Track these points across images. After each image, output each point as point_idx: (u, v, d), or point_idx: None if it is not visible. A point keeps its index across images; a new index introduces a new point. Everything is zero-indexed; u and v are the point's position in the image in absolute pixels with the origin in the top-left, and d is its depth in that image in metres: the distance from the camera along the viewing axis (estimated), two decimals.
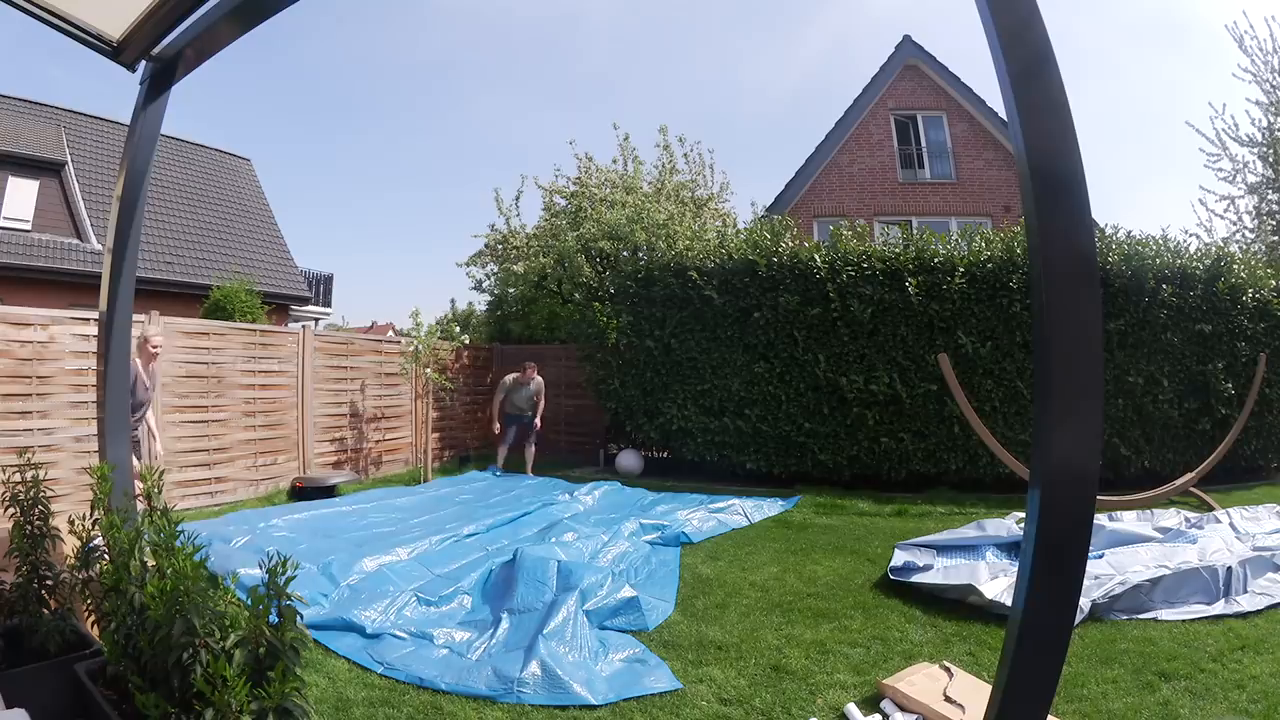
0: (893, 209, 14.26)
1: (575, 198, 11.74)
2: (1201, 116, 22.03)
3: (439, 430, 9.58)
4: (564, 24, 63.00)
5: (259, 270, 15.17)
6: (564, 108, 52.80)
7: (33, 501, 2.52)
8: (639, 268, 8.79)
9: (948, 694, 2.58)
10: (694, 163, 12.77)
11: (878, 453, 7.43)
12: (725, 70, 52.01)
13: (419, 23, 65.98)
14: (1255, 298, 7.68)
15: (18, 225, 12.45)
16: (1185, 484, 6.38)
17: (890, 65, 14.61)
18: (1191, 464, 6.90)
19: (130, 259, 3.03)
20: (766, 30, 55.57)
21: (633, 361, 8.41)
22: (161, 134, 3.11)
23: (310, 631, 2.85)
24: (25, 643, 2.27)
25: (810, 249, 7.78)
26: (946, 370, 5.98)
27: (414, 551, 4.58)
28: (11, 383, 5.23)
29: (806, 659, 3.09)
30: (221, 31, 2.61)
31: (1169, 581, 3.66)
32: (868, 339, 7.40)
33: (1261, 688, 2.73)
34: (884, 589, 4.06)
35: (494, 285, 13.38)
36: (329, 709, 2.61)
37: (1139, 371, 7.21)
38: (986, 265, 7.14)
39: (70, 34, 2.68)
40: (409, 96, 62.69)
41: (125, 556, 2.09)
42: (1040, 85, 1.43)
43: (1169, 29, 39.12)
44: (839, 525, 5.84)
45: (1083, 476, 1.45)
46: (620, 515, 5.82)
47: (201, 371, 6.59)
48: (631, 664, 3.04)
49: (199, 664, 1.67)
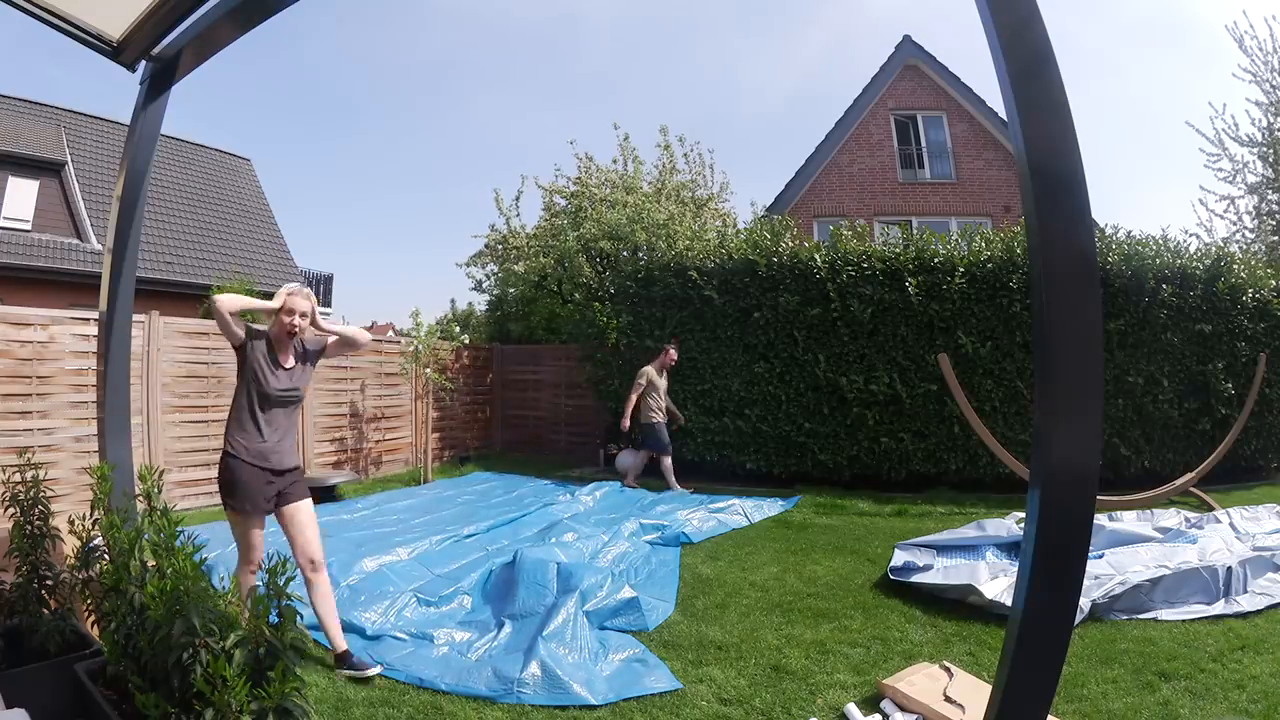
0: (893, 209, 14.26)
1: (575, 198, 11.74)
2: (1201, 116, 22.08)
3: (439, 430, 9.58)
4: (564, 24, 63.04)
5: (259, 270, 15.18)
6: (563, 108, 52.86)
7: (33, 501, 2.53)
8: (639, 268, 8.78)
9: (948, 694, 2.58)
10: (694, 163, 12.77)
11: (878, 453, 7.43)
12: (725, 70, 52.06)
13: (419, 23, 66.01)
14: (1255, 298, 7.68)
15: (18, 225, 12.46)
16: (1185, 484, 6.38)
17: (890, 65, 14.61)
18: (1191, 464, 6.90)
19: (130, 259, 3.03)
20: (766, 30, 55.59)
21: (633, 361, 8.40)
22: (161, 134, 3.11)
23: (310, 632, 2.85)
24: (25, 643, 2.27)
25: (810, 249, 7.77)
26: (946, 370, 5.98)
27: (414, 551, 4.58)
28: (11, 383, 5.23)
29: (806, 659, 3.09)
30: (221, 31, 2.61)
31: (1169, 581, 3.66)
32: (868, 339, 7.40)
33: (1261, 688, 2.73)
34: (884, 589, 4.06)
35: (494, 285, 13.38)
36: (329, 709, 2.61)
37: (1139, 371, 7.21)
38: (986, 265, 7.13)
39: (70, 34, 2.69)
40: (409, 96, 62.74)
41: (125, 556, 2.10)
42: (1040, 85, 1.43)
43: (1169, 29, 39.15)
44: (839, 525, 5.84)
45: (1083, 476, 1.46)
46: (620, 515, 5.82)
47: (201, 371, 6.59)
48: (631, 664, 3.04)
49: (199, 664, 1.67)
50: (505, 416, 10.95)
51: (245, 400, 2.96)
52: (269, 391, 2.96)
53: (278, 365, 3.02)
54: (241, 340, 2.97)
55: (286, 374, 3.03)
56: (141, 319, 5.94)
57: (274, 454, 2.96)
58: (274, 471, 2.96)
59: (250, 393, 2.95)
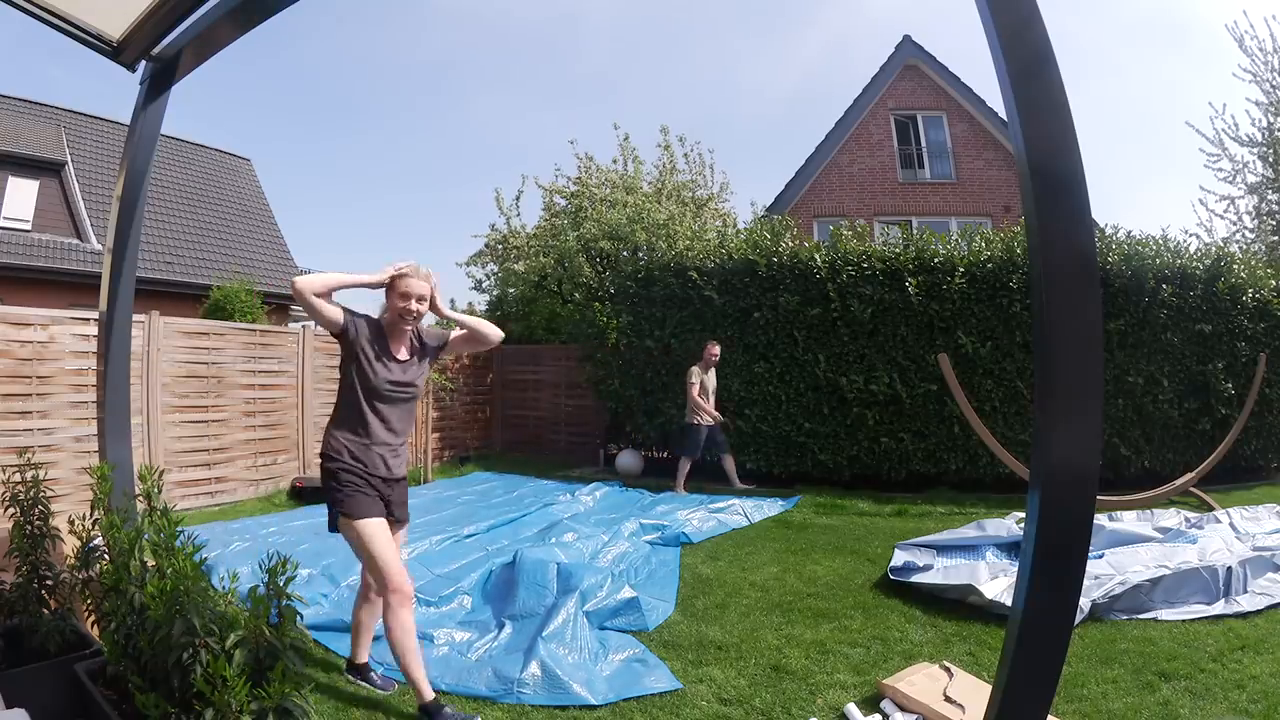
0: (893, 209, 14.27)
1: (575, 198, 11.73)
2: (1201, 116, 22.03)
3: (439, 430, 9.57)
4: (564, 24, 62.93)
5: (259, 270, 15.18)
6: (564, 108, 52.72)
7: (33, 501, 2.53)
8: (639, 268, 8.78)
9: (948, 694, 2.58)
10: (694, 163, 12.77)
11: (878, 453, 7.43)
12: (725, 70, 51.91)
13: (419, 23, 65.93)
14: (1255, 298, 7.68)
15: (18, 225, 12.46)
16: (1185, 484, 6.38)
17: (890, 65, 14.62)
18: (1191, 464, 6.90)
19: (130, 259, 3.03)
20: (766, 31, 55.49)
21: (633, 361, 8.41)
22: (161, 134, 3.11)
23: (310, 632, 2.85)
24: (25, 643, 2.27)
25: (810, 249, 7.77)
26: (946, 370, 5.98)
27: (414, 552, 4.58)
28: (11, 383, 5.23)
29: (806, 659, 3.09)
30: (221, 31, 2.61)
31: (1169, 581, 3.66)
32: (868, 339, 7.40)
33: (1261, 688, 2.73)
34: (884, 589, 4.06)
35: (494, 285, 13.37)
36: (329, 709, 2.61)
37: (1139, 371, 7.21)
38: (986, 265, 7.14)
39: (70, 34, 2.69)
40: (409, 96, 62.59)
41: (125, 556, 2.10)
42: (1040, 85, 1.43)
43: (1169, 29, 39.11)
44: (839, 525, 5.84)
45: (1083, 476, 1.46)
46: (620, 515, 5.82)
47: (201, 371, 6.59)
48: (631, 664, 3.04)
49: (199, 664, 1.67)
50: (505, 416, 10.94)
51: (350, 395, 2.56)
52: (376, 385, 2.53)
53: (388, 355, 2.58)
54: (340, 324, 2.52)
55: (400, 366, 2.60)
56: (141, 319, 5.94)
57: (383, 458, 2.56)
58: (382, 479, 2.56)
59: (355, 386, 2.54)
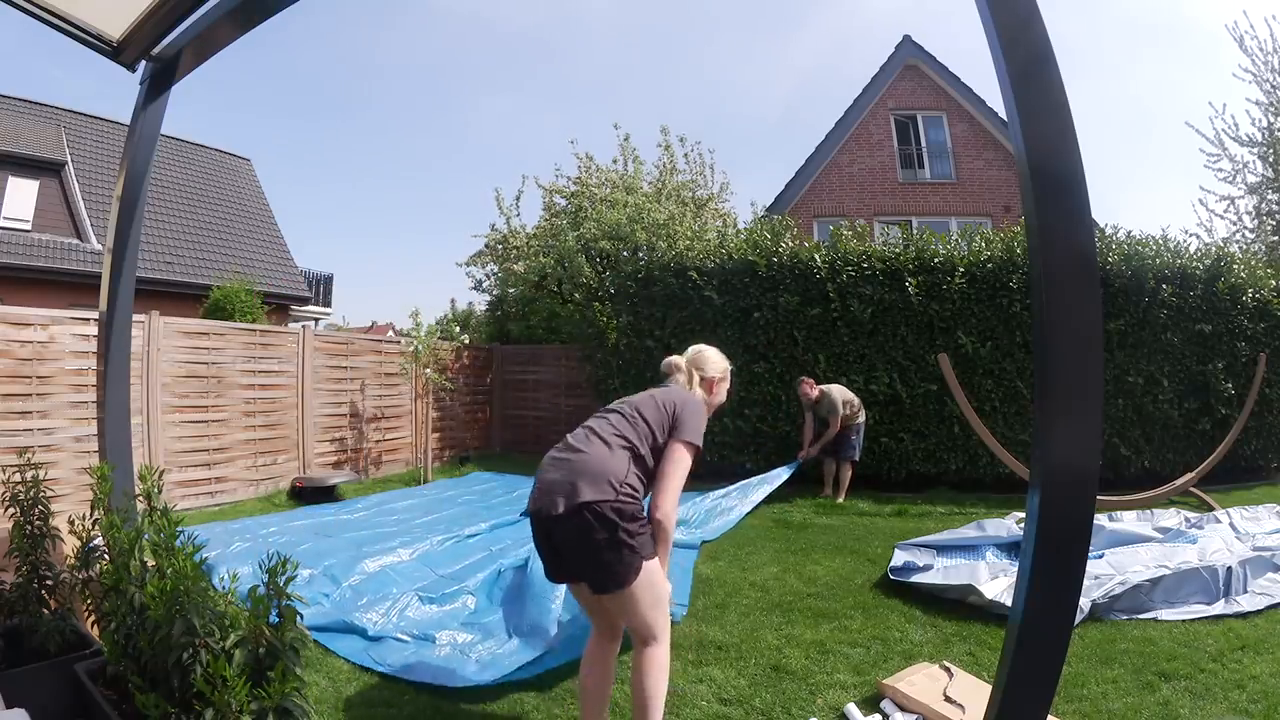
0: (893, 209, 14.27)
1: (575, 197, 11.74)
2: (1201, 116, 22.05)
3: (439, 430, 9.58)
4: (564, 25, 63.02)
5: (259, 270, 15.18)
6: (564, 108, 52.84)
7: (33, 501, 2.52)
8: (639, 268, 8.78)
9: (948, 694, 2.58)
10: (694, 163, 12.78)
11: (877, 453, 7.43)
12: (725, 70, 52.02)
13: (419, 23, 65.99)
14: (1255, 298, 7.68)
15: (18, 225, 12.46)
16: (1185, 484, 6.38)
17: (890, 65, 14.62)
18: (1191, 464, 6.90)
19: (130, 259, 3.03)
20: (766, 31, 55.58)
21: (633, 361, 8.40)
22: (161, 134, 3.11)
23: (311, 632, 2.85)
24: (25, 643, 2.27)
25: (810, 249, 7.77)
26: (946, 370, 5.98)
27: (416, 552, 4.58)
28: (11, 383, 5.23)
29: (806, 659, 3.09)
30: (221, 31, 2.61)
31: (1169, 581, 3.66)
32: (868, 339, 7.40)
33: (1261, 688, 2.73)
34: (884, 589, 4.06)
35: (494, 285, 13.39)
36: (329, 709, 2.61)
37: (1139, 371, 7.21)
38: (986, 265, 7.14)
39: (70, 34, 2.69)
40: (409, 96, 62.72)
41: (125, 556, 2.09)
42: (1040, 85, 1.43)
43: (1169, 29, 39.14)
44: (839, 525, 5.84)
45: (1083, 476, 1.46)
46: None
47: (201, 371, 6.59)
48: None
49: (199, 664, 1.67)
50: (505, 416, 10.95)
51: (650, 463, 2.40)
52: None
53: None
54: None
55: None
56: (141, 319, 5.94)
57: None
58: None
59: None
